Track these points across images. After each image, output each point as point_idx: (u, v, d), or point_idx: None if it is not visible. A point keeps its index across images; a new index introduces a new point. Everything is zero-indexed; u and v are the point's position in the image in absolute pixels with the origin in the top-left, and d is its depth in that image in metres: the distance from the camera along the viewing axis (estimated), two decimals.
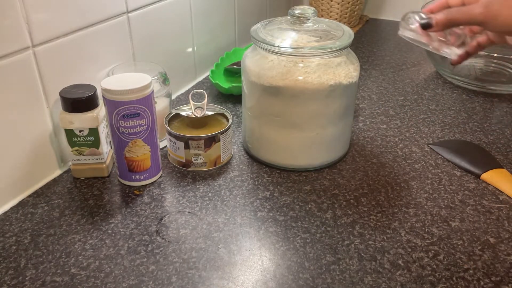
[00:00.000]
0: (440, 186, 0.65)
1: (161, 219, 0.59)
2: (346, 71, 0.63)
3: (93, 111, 0.62)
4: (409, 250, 0.54)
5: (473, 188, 0.65)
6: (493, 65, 0.98)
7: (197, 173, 0.67)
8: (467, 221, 0.59)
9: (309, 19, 0.65)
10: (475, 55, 0.67)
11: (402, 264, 0.52)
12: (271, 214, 0.59)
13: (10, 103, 0.58)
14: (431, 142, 0.75)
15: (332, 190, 0.64)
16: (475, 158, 0.70)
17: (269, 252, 0.54)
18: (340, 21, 1.19)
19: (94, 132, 0.63)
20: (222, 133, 0.66)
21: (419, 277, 0.50)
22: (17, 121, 0.60)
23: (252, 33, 0.65)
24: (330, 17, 1.26)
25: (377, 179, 0.66)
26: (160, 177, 0.67)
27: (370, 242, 0.55)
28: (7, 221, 0.58)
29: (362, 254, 0.53)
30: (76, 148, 0.64)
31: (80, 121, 0.62)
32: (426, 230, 0.57)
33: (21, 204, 0.61)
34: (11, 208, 0.60)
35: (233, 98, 0.89)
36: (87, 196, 0.63)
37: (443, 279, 0.50)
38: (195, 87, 0.95)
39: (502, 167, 0.68)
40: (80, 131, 0.63)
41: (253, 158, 0.71)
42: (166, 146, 0.71)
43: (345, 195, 0.63)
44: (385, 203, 0.62)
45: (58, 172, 0.67)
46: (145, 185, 0.65)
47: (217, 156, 0.68)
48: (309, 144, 0.66)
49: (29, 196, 0.63)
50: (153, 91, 0.61)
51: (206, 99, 0.70)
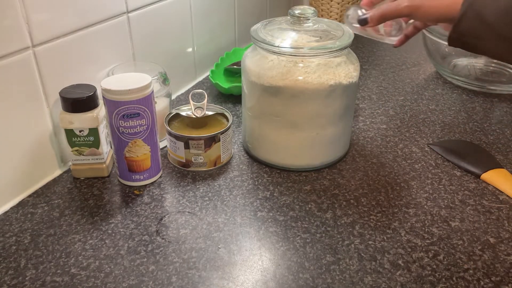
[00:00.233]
0: (440, 186, 0.65)
1: (161, 219, 0.59)
2: (346, 71, 0.63)
3: (93, 111, 0.62)
4: (409, 250, 0.54)
5: (473, 188, 0.65)
6: (493, 65, 0.98)
7: (197, 173, 0.67)
8: (467, 221, 0.59)
9: (309, 19, 0.65)
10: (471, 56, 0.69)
11: (402, 264, 0.52)
12: (271, 214, 0.59)
13: (10, 103, 0.58)
14: (431, 142, 0.75)
15: (332, 190, 0.64)
16: (475, 158, 0.70)
17: (269, 252, 0.54)
18: (340, 21, 1.19)
19: (94, 132, 0.63)
20: (222, 133, 0.66)
21: (419, 277, 0.50)
22: (17, 121, 0.60)
23: (252, 33, 0.65)
24: (330, 17, 1.26)
25: (377, 179, 0.66)
26: (160, 177, 0.67)
27: (370, 242, 0.55)
28: (7, 221, 0.58)
29: (362, 254, 0.53)
30: (76, 148, 0.64)
31: (80, 121, 0.62)
32: (426, 230, 0.57)
33: (21, 204, 0.61)
34: (11, 208, 0.60)
35: (233, 98, 0.89)
36: (87, 196, 0.63)
37: (443, 279, 0.50)
38: (195, 87, 0.95)
39: (502, 167, 0.68)
40: (80, 131, 0.63)
41: (253, 158, 0.71)
42: (166, 146, 0.71)
43: (345, 195, 0.63)
44: (385, 203, 0.61)
45: (58, 172, 0.67)
46: (145, 185, 0.65)
47: (217, 156, 0.68)
48: (309, 144, 0.66)
49: (29, 196, 0.63)
50: (153, 91, 0.61)
51: (206, 99, 0.70)
